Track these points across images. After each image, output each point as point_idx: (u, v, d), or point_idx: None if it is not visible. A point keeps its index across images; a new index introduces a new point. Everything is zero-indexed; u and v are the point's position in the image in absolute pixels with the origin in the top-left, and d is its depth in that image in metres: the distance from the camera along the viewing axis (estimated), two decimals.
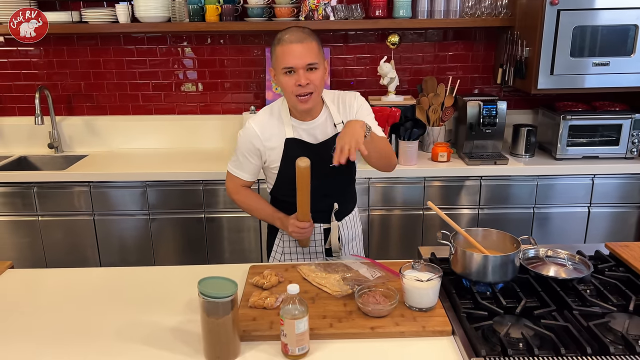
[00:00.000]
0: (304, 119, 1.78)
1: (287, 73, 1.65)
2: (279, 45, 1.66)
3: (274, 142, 1.78)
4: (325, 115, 1.81)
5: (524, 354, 1.23)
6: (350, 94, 1.86)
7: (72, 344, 1.35)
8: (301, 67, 1.64)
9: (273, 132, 1.78)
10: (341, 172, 1.78)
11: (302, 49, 1.64)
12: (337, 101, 1.83)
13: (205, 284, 1.26)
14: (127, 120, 3.32)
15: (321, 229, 1.90)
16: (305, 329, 1.27)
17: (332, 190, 1.86)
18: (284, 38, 1.65)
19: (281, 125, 1.78)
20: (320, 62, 1.68)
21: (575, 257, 1.63)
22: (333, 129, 1.80)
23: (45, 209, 2.86)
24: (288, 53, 1.63)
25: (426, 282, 1.40)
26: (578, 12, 2.62)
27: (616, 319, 1.35)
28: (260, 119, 1.81)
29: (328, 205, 1.85)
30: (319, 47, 1.69)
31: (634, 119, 2.83)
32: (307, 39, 1.65)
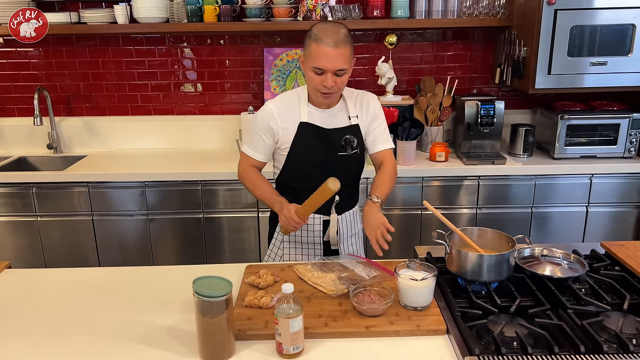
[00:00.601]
0: (321, 106, 1.85)
1: (316, 71, 1.71)
2: (315, 43, 1.69)
3: (288, 124, 1.84)
4: (341, 106, 1.89)
5: (518, 352, 1.24)
6: (370, 95, 1.94)
7: (68, 344, 1.36)
8: (330, 71, 1.70)
9: (289, 114, 1.84)
10: (346, 162, 1.87)
11: (336, 54, 1.68)
12: (355, 98, 1.91)
13: (200, 283, 1.26)
14: (126, 120, 3.33)
15: (320, 221, 1.93)
16: (299, 328, 1.27)
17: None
18: (321, 38, 1.68)
19: (298, 109, 1.85)
20: (349, 66, 1.75)
21: (570, 256, 1.64)
22: (347, 121, 1.88)
23: (44, 209, 2.86)
24: (322, 55, 1.68)
25: (421, 281, 1.41)
26: (575, 12, 2.62)
27: (610, 318, 1.36)
28: (279, 101, 1.88)
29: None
30: (351, 51, 1.74)
31: (631, 118, 2.83)
32: (341, 44, 1.68)
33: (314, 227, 1.92)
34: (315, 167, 1.85)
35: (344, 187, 1.89)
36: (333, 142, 1.84)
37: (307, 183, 1.86)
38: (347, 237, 1.99)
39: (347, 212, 1.97)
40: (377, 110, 1.92)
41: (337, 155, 1.85)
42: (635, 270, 1.54)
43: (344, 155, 1.85)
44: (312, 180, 1.84)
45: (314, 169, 1.85)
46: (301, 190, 1.87)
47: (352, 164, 1.91)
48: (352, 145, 1.86)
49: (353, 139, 1.86)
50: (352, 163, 1.90)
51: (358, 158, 1.91)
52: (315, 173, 1.84)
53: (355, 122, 1.88)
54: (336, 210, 1.91)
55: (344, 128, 1.86)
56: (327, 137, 1.84)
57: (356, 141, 1.87)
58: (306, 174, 1.87)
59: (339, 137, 1.85)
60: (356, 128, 1.88)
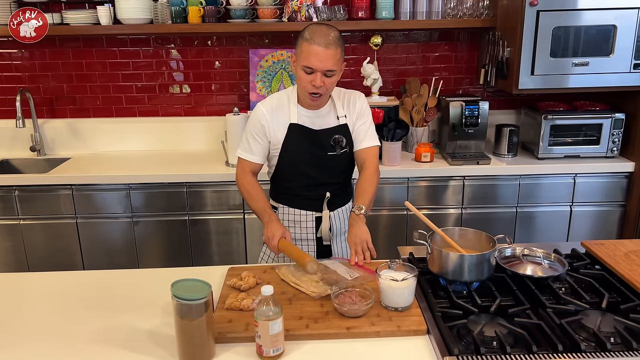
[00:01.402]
0: (310, 107, 1.88)
1: (305, 70, 1.73)
2: (306, 42, 1.72)
3: (279, 125, 1.87)
4: (330, 107, 1.92)
5: (497, 352, 1.24)
6: (356, 94, 1.98)
7: (46, 348, 1.35)
8: (320, 71, 1.73)
9: (279, 115, 1.88)
10: (337, 161, 1.91)
11: (326, 55, 1.71)
12: (343, 98, 1.95)
13: (178, 286, 1.26)
14: (110, 122, 3.30)
15: (313, 217, 1.97)
16: (279, 330, 1.27)
17: (327, 178, 1.94)
18: (313, 38, 1.71)
19: (288, 110, 1.88)
20: (338, 68, 1.78)
21: (551, 255, 1.65)
22: (336, 121, 1.91)
23: (27, 212, 2.83)
24: (312, 55, 1.71)
25: (401, 281, 1.41)
26: (557, 13, 2.64)
27: (589, 317, 1.37)
28: (270, 102, 1.91)
29: (321, 194, 1.93)
30: (341, 53, 1.77)
31: (614, 118, 2.86)
32: (332, 46, 1.71)
33: (307, 223, 1.96)
34: (306, 166, 1.90)
35: (335, 184, 1.96)
36: (322, 143, 1.88)
37: (300, 182, 1.93)
38: (340, 233, 2.02)
39: (339, 208, 2.00)
40: (363, 108, 1.95)
41: (327, 155, 1.89)
42: (614, 269, 1.56)
43: (334, 154, 1.89)
44: (305, 179, 1.93)
45: (306, 169, 1.90)
46: (295, 189, 1.95)
47: (343, 163, 1.95)
48: (341, 144, 1.89)
49: (342, 139, 1.89)
50: (342, 162, 1.94)
51: (348, 156, 1.95)
52: (307, 172, 1.91)
53: (343, 121, 1.91)
54: (328, 207, 1.95)
55: (332, 128, 1.90)
56: (316, 138, 1.88)
57: (345, 140, 1.91)
58: (298, 174, 1.92)
59: (328, 138, 1.88)
60: (345, 127, 1.91)
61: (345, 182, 2.02)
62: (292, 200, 1.97)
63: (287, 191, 1.97)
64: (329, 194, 1.93)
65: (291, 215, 1.98)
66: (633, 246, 1.68)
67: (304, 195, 1.95)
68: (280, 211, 2.00)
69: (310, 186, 1.93)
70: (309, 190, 1.94)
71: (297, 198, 1.96)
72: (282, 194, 1.99)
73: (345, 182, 2.01)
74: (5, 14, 2.92)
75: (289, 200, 1.98)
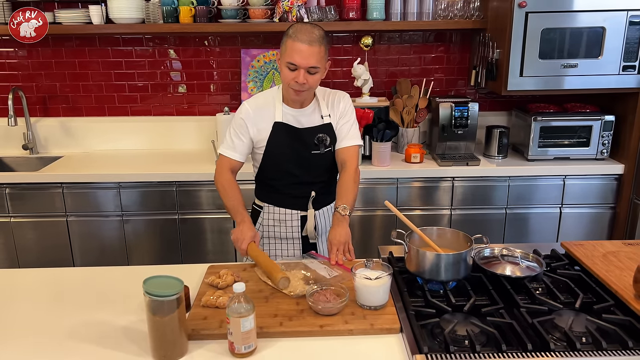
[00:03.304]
0: (294, 106, 1.90)
1: (289, 66, 1.75)
2: (290, 39, 1.74)
3: (263, 123, 1.89)
4: (314, 106, 1.94)
5: (467, 350, 1.24)
6: (341, 94, 2.00)
7: (21, 343, 1.35)
8: (303, 67, 1.74)
9: (264, 113, 1.89)
10: (321, 160, 1.93)
11: (309, 51, 1.73)
12: (328, 97, 1.97)
13: (150, 282, 1.26)
14: (103, 121, 3.32)
15: (298, 216, 1.98)
16: (251, 327, 1.28)
17: (311, 177, 1.95)
18: (296, 35, 1.73)
19: (273, 108, 1.90)
20: (321, 66, 1.79)
21: (529, 255, 1.65)
22: (320, 120, 1.93)
23: (17, 210, 2.85)
24: (295, 51, 1.73)
25: (375, 280, 1.42)
26: (546, 15, 2.64)
27: (562, 317, 1.37)
28: (255, 101, 1.93)
29: (306, 192, 1.95)
30: (325, 51, 1.79)
31: (603, 120, 2.86)
32: (315, 43, 1.73)
33: (292, 222, 1.98)
34: (291, 165, 1.92)
35: (320, 183, 1.98)
36: (306, 141, 1.90)
37: (284, 180, 1.95)
38: (325, 232, 2.03)
39: (324, 207, 2.02)
40: (346, 107, 1.96)
41: (311, 154, 1.91)
42: (591, 269, 1.56)
43: (318, 153, 1.91)
44: (289, 177, 1.94)
45: (290, 167, 1.92)
46: (280, 187, 1.96)
47: (327, 162, 1.97)
48: (325, 143, 1.91)
49: (326, 138, 1.91)
50: (326, 161, 1.96)
51: (333, 155, 1.96)
52: (292, 171, 1.92)
53: (328, 120, 1.93)
54: (313, 206, 1.96)
55: (316, 127, 1.91)
56: (300, 137, 1.89)
57: (329, 139, 1.92)
58: (283, 172, 1.94)
59: (312, 136, 1.90)
60: (329, 127, 1.93)
61: (330, 180, 2.03)
62: (277, 199, 1.98)
63: (272, 190, 1.98)
64: (314, 193, 1.94)
65: (276, 214, 1.99)
66: (611, 247, 1.68)
67: (289, 193, 1.96)
68: (265, 210, 2.01)
69: (294, 184, 1.95)
70: (293, 188, 1.95)
71: (282, 197, 1.97)
72: (267, 193, 2.01)
73: (329, 181, 2.03)
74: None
75: (274, 199, 1.99)
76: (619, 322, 1.33)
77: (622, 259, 1.61)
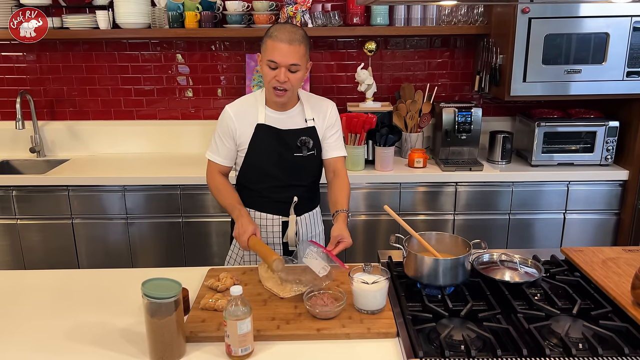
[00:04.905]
0: (277, 109, 1.89)
1: (270, 65, 1.75)
2: (270, 38, 1.75)
3: (246, 126, 1.88)
4: (298, 109, 1.93)
5: (462, 355, 1.25)
6: (328, 102, 1.99)
7: (22, 343, 1.37)
8: (284, 66, 1.74)
9: (246, 116, 1.88)
10: (304, 163, 1.91)
11: (289, 50, 1.73)
12: (313, 102, 1.96)
13: (149, 285, 1.28)
14: (109, 125, 3.35)
15: (279, 222, 1.96)
16: (248, 330, 1.29)
17: (293, 180, 1.93)
18: (276, 34, 1.74)
19: (255, 111, 1.89)
20: (302, 64, 1.78)
21: (528, 261, 1.65)
22: (304, 123, 1.92)
23: (24, 212, 2.88)
24: (276, 50, 1.73)
25: (372, 284, 1.42)
26: (549, 20, 2.64)
27: (559, 323, 1.37)
28: (237, 103, 1.93)
29: (288, 197, 1.92)
30: (305, 50, 1.79)
31: (607, 126, 2.85)
32: (295, 41, 1.74)
33: (273, 227, 1.96)
34: (273, 167, 1.90)
35: (302, 187, 1.95)
36: (289, 143, 1.89)
37: (266, 183, 1.92)
38: (307, 239, 2.00)
39: (306, 213, 2.00)
40: (334, 117, 1.96)
41: (293, 156, 1.89)
42: (590, 275, 1.56)
43: (300, 156, 1.89)
44: (271, 180, 1.91)
45: (272, 170, 1.90)
46: (261, 191, 1.94)
47: (310, 165, 1.95)
48: (307, 146, 1.90)
49: (309, 140, 1.90)
50: (309, 164, 1.94)
51: (315, 159, 1.95)
52: (274, 173, 1.90)
53: (311, 124, 1.92)
54: (295, 212, 1.94)
55: (300, 129, 1.91)
56: (282, 138, 1.88)
57: (312, 142, 1.91)
58: (265, 175, 1.91)
59: (295, 138, 1.89)
60: (312, 130, 1.92)
61: (313, 186, 2.00)
62: (258, 203, 1.96)
63: (254, 194, 1.95)
64: (297, 198, 1.92)
65: (257, 219, 1.96)
66: (611, 253, 1.68)
67: (271, 197, 1.94)
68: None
69: (276, 188, 1.92)
70: (275, 192, 1.93)
71: (263, 201, 1.95)
72: (248, 198, 1.96)
73: (312, 186, 2.00)
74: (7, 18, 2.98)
75: (255, 203, 1.96)
76: (616, 329, 1.33)
77: (621, 265, 1.60)
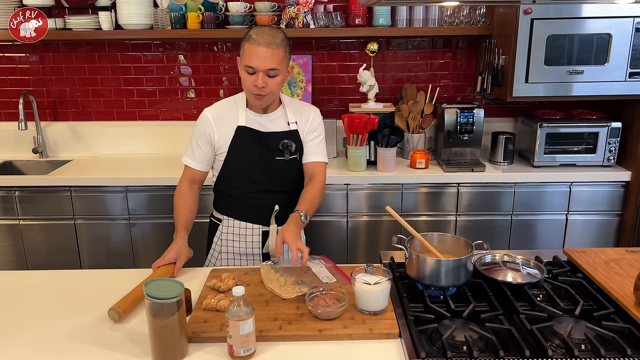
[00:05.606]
0: (259, 111, 1.86)
1: (247, 70, 1.72)
2: (248, 42, 1.71)
3: (225, 129, 1.84)
4: (281, 112, 1.89)
5: (464, 356, 1.25)
6: (311, 107, 1.95)
7: (25, 344, 1.38)
8: (262, 70, 1.70)
9: (226, 119, 1.84)
10: (286, 167, 1.86)
11: (267, 53, 1.68)
12: (296, 107, 1.92)
13: (151, 285, 1.28)
14: (111, 126, 3.36)
15: (260, 231, 1.91)
16: (250, 331, 1.29)
17: (275, 186, 1.88)
18: (254, 38, 1.70)
19: (235, 113, 1.85)
20: (282, 68, 1.73)
21: (530, 262, 1.65)
22: (286, 126, 1.88)
23: (26, 213, 2.89)
24: (253, 53, 1.69)
25: (374, 285, 1.42)
26: (552, 21, 2.64)
27: (562, 324, 1.37)
28: (216, 106, 1.89)
29: (269, 203, 1.88)
30: (284, 53, 1.74)
31: (610, 127, 2.84)
32: (274, 45, 1.69)
33: (252, 237, 1.90)
34: (253, 171, 1.85)
35: (284, 193, 1.89)
36: (270, 146, 1.85)
37: (246, 188, 1.86)
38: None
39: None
40: (316, 122, 1.92)
41: (275, 160, 1.85)
42: (592, 276, 1.55)
43: (282, 159, 1.85)
44: (251, 185, 1.85)
45: (253, 174, 1.85)
46: (241, 197, 1.88)
47: (292, 170, 1.90)
48: (290, 150, 1.85)
49: (291, 144, 1.85)
50: (291, 168, 1.89)
51: (298, 164, 1.90)
52: (254, 178, 1.85)
53: (294, 127, 1.88)
54: (276, 221, 1.87)
55: (282, 132, 1.87)
56: (264, 141, 1.84)
57: (294, 146, 1.87)
58: (245, 179, 1.86)
59: (277, 141, 1.85)
60: (295, 134, 1.88)
61: (294, 192, 1.89)
62: (237, 211, 1.90)
63: (233, 200, 1.89)
64: (278, 207, 1.86)
65: (236, 228, 1.91)
66: (614, 254, 1.67)
67: (251, 204, 1.88)
68: (224, 223, 1.93)
69: (257, 193, 1.87)
70: (256, 198, 1.87)
71: (243, 208, 1.89)
72: (226, 205, 1.91)
73: (294, 193, 1.90)
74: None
75: (234, 211, 1.90)
76: (618, 330, 1.33)
77: (624, 266, 1.60)
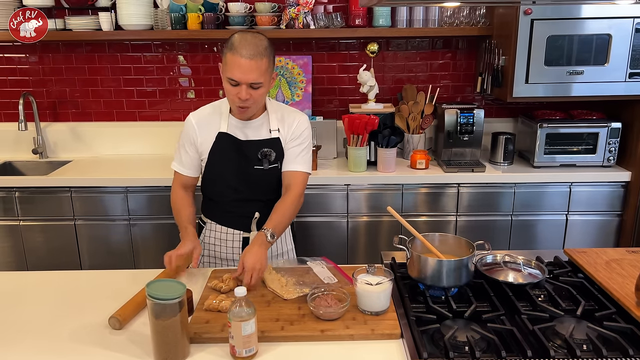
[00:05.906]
0: (241, 118, 1.82)
1: (230, 82, 1.67)
2: (230, 52, 1.63)
3: (208, 134, 1.83)
4: (263, 119, 1.84)
5: (467, 356, 1.25)
6: (299, 114, 1.87)
7: (25, 345, 1.38)
8: (244, 83, 1.65)
9: (209, 124, 1.83)
10: (265, 177, 1.82)
11: (250, 66, 1.62)
12: (282, 113, 1.86)
13: (153, 286, 1.28)
14: (111, 126, 3.36)
15: (240, 237, 1.89)
16: (252, 331, 1.29)
17: (254, 195, 1.85)
18: (237, 48, 1.62)
19: (218, 119, 1.83)
20: (265, 80, 1.68)
21: (531, 262, 1.65)
22: (267, 134, 1.83)
23: (26, 213, 2.88)
24: (236, 66, 1.62)
25: (376, 285, 1.42)
26: (552, 22, 2.64)
27: (563, 324, 1.37)
28: (200, 112, 1.88)
29: (250, 211, 1.85)
30: (268, 63, 1.67)
31: (610, 127, 2.85)
32: (257, 56, 1.62)
33: (233, 243, 1.89)
34: (233, 179, 1.82)
35: (264, 202, 1.84)
36: (248, 156, 1.80)
37: (227, 196, 1.84)
38: (271, 257, 1.90)
39: None
40: (301, 130, 1.84)
41: (254, 169, 1.81)
42: (593, 276, 1.56)
43: (261, 169, 1.81)
44: (232, 193, 1.83)
45: (232, 182, 1.82)
46: (222, 204, 1.87)
47: (272, 179, 1.85)
48: (269, 159, 1.80)
49: (270, 153, 1.81)
50: (271, 178, 1.84)
51: (278, 173, 1.85)
52: (234, 186, 1.82)
53: (276, 135, 1.82)
54: (257, 228, 1.84)
55: (262, 141, 1.81)
56: (242, 150, 1.80)
57: (275, 155, 1.82)
58: (225, 187, 1.84)
59: (256, 150, 1.80)
60: (276, 142, 1.82)
61: (275, 201, 1.83)
62: (219, 216, 1.90)
63: (215, 206, 1.89)
64: (258, 214, 1.82)
65: (218, 232, 1.91)
66: (615, 255, 1.68)
67: (232, 211, 1.86)
68: (208, 227, 1.93)
69: (237, 201, 1.84)
70: (236, 206, 1.85)
71: (224, 214, 1.88)
72: (210, 209, 1.91)
73: (274, 201, 1.83)
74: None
75: (216, 216, 1.90)
76: (620, 330, 1.33)
77: (625, 266, 1.60)
